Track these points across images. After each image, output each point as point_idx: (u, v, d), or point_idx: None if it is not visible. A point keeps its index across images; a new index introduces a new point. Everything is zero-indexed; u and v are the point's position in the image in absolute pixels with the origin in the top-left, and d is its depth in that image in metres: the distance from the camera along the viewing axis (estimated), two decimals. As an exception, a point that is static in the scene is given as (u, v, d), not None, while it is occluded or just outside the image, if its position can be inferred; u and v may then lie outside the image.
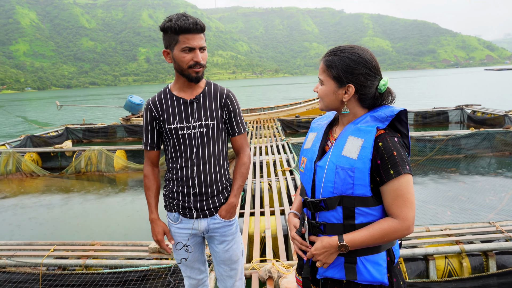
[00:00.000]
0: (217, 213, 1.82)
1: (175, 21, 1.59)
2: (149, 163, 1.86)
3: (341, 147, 1.24)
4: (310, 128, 1.49)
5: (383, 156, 1.16)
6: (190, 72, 1.66)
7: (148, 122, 1.78)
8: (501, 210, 4.75)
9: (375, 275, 1.21)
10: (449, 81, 52.08)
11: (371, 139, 1.18)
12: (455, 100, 18.31)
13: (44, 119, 24.16)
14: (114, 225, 5.14)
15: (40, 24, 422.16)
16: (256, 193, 4.69)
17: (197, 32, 1.61)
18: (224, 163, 1.83)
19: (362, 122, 1.24)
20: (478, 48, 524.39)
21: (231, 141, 1.90)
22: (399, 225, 1.16)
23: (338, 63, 1.24)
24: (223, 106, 1.78)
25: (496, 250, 2.93)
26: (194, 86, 1.76)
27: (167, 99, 1.75)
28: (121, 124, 12.88)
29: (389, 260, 1.24)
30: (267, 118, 12.97)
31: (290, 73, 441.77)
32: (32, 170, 8.06)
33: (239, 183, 1.85)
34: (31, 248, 3.42)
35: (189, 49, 1.62)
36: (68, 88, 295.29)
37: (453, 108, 12.40)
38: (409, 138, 1.26)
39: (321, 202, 1.27)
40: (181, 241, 1.84)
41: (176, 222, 1.84)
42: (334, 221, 1.26)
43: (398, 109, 1.21)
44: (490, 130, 7.93)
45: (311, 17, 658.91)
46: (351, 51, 1.24)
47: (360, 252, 1.22)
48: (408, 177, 1.17)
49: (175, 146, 1.74)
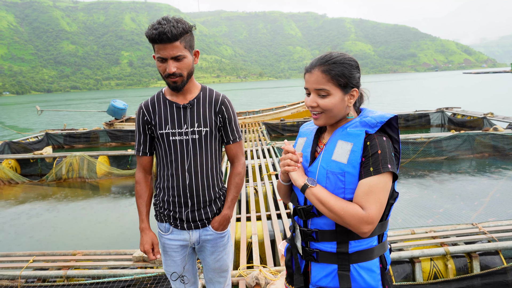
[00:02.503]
0: (209, 224, 1.77)
1: (148, 30, 1.53)
2: (141, 169, 1.79)
3: (331, 152, 1.24)
4: (299, 133, 1.48)
5: (367, 154, 1.16)
6: (168, 81, 1.62)
7: (140, 127, 1.72)
8: (483, 211, 4.85)
9: (369, 282, 1.20)
10: (429, 84, 53.31)
11: (360, 143, 1.18)
12: (436, 103, 18.74)
13: (23, 125, 23.50)
14: (97, 233, 5.00)
15: (18, 27, 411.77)
16: (242, 198, 4.65)
17: (168, 41, 1.52)
18: (217, 171, 1.78)
19: (351, 126, 1.24)
20: (457, 52, 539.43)
21: (225, 149, 1.84)
22: (362, 215, 1.12)
23: (343, 70, 1.23)
24: (218, 112, 1.72)
25: (480, 251, 2.98)
26: (188, 91, 1.70)
27: (160, 103, 1.70)
28: (103, 129, 12.64)
29: (381, 267, 1.23)
30: (252, 122, 12.97)
31: (274, 77, 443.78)
32: (10, 177, 7.80)
33: (234, 194, 1.80)
34: (8, 259, 3.29)
35: (161, 59, 1.57)
36: (48, 93, 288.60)
37: (434, 111, 12.67)
38: (399, 144, 1.26)
39: (312, 208, 1.25)
40: (176, 272, 1.79)
41: (166, 233, 1.77)
42: (326, 228, 1.24)
43: (389, 115, 1.21)
44: (470, 132, 8.13)
45: (294, 21, 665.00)
46: (345, 56, 1.26)
47: (354, 259, 1.21)
48: (387, 177, 1.15)
49: (166, 152, 1.69)
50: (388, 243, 1.37)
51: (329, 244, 1.24)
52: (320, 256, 1.26)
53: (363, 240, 1.21)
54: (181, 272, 1.79)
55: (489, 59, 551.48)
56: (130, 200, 6.33)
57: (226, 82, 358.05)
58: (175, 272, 1.79)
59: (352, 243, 1.21)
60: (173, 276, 1.79)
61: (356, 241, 1.21)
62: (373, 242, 1.22)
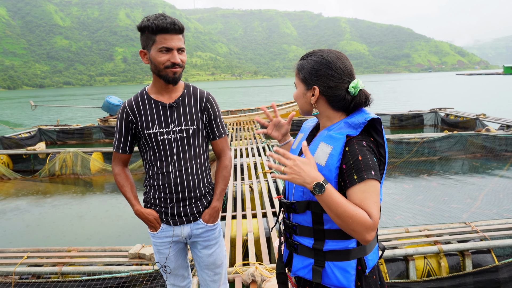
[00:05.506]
0: (200, 217, 1.79)
1: (153, 20, 1.54)
2: (120, 163, 1.80)
3: (313, 152, 1.24)
4: (300, 128, 1.51)
5: (348, 161, 1.15)
6: (168, 72, 1.61)
7: (123, 125, 1.71)
8: (475, 211, 4.92)
9: (341, 281, 1.21)
10: (423, 85, 53.72)
11: (339, 147, 1.17)
12: (429, 104, 18.91)
13: (15, 120, 23.23)
14: (92, 230, 4.98)
15: (10, 20, 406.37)
16: (237, 195, 4.66)
17: (175, 32, 1.57)
18: (206, 167, 1.81)
19: (335, 128, 1.23)
20: (450, 54, 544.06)
21: (211, 145, 1.87)
22: (369, 221, 1.09)
23: (305, 65, 1.28)
24: (203, 110, 1.74)
25: (472, 249, 3.03)
26: (173, 89, 1.70)
27: (144, 102, 1.69)
28: (97, 126, 12.55)
29: (360, 269, 1.23)
30: (247, 120, 12.96)
31: (269, 75, 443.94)
32: (2, 173, 7.73)
33: (222, 186, 1.83)
34: (2, 255, 3.26)
35: (166, 49, 1.58)
36: (41, 88, 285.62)
37: (427, 111, 12.78)
38: (385, 148, 1.23)
39: (292, 204, 1.29)
40: (159, 262, 1.81)
41: (157, 232, 1.78)
42: (305, 223, 1.27)
43: (370, 116, 1.19)
44: (463, 132, 8.22)
45: (290, 20, 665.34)
46: (317, 53, 1.27)
47: (330, 257, 1.22)
48: (373, 182, 1.12)
49: (155, 152, 1.69)
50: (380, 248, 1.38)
51: (307, 239, 1.27)
52: (300, 249, 1.30)
53: (339, 240, 1.21)
54: (164, 262, 1.81)
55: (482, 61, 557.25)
56: (123, 197, 6.31)
57: (220, 80, 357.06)
58: (158, 262, 1.81)
59: (328, 242, 1.22)
60: (157, 265, 1.83)
61: (333, 240, 1.22)
62: (350, 244, 1.21)
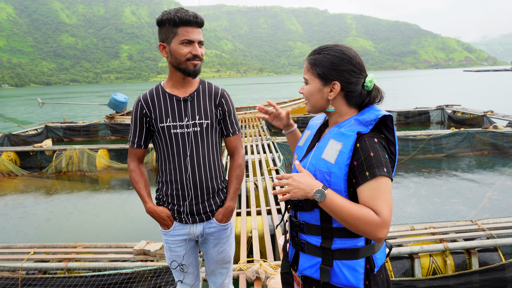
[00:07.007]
0: (213, 217, 1.77)
1: (175, 13, 1.55)
2: (135, 159, 1.79)
3: (322, 149, 1.23)
4: (307, 126, 1.49)
5: (359, 157, 1.13)
6: (188, 64, 1.61)
7: (137, 119, 1.71)
8: (482, 208, 4.87)
9: (350, 280, 1.19)
10: (430, 82, 53.24)
11: (349, 144, 1.15)
12: (436, 100, 18.73)
13: (23, 117, 23.44)
14: (97, 226, 5.02)
15: (17, 18, 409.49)
16: (242, 192, 4.66)
17: (196, 25, 1.59)
18: (219, 163, 1.79)
19: (346, 125, 1.22)
20: (457, 50, 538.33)
21: (225, 142, 1.85)
22: (377, 220, 1.08)
23: (322, 60, 1.23)
24: (218, 105, 1.73)
25: (478, 247, 2.99)
26: (188, 84, 1.70)
27: (159, 96, 1.69)
28: (104, 123, 12.61)
29: (368, 268, 1.21)
30: (252, 117, 12.95)
31: (274, 72, 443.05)
32: (10, 169, 7.80)
33: (235, 185, 1.81)
34: (9, 251, 3.30)
35: (188, 42, 1.58)
36: (47, 85, 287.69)
37: (434, 108, 12.66)
38: (396, 146, 1.21)
39: (300, 202, 1.27)
40: (176, 260, 1.79)
41: (169, 230, 1.77)
42: (313, 222, 1.25)
43: (382, 113, 1.18)
44: (470, 130, 8.13)
45: (295, 17, 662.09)
46: (334, 48, 1.24)
47: (338, 256, 1.21)
48: (385, 179, 1.11)
49: (168, 146, 1.68)
50: (388, 246, 1.36)
51: (315, 237, 1.25)
52: (307, 248, 1.28)
53: (348, 239, 1.20)
54: (181, 261, 1.80)
55: (489, 57, 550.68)
56: (129, 194, 6.34)
57: (226, 77, 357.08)
58: (174, 261, 1.80)
59: (337, 240, 1.21)
60: (173, 264, 1.80)
61: (341, 239, 1.20)
62: (358, 242, 1.20)
